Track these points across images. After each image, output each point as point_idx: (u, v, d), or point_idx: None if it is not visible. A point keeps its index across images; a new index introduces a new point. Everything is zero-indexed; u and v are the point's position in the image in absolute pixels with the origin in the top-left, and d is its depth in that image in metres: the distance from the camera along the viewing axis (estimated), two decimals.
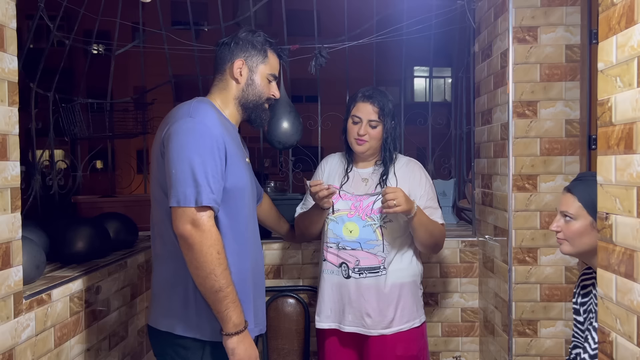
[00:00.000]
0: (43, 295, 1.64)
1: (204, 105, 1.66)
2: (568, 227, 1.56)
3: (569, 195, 1.58)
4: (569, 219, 1.56)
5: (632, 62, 1.07)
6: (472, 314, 2.74)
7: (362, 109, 2.10)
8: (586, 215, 1.53)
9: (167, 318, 1.63)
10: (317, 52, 2.81)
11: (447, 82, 14.81)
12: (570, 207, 1.56)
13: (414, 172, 2.15)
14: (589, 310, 1.61)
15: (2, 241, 1.40)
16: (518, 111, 2.23)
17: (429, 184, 2.15)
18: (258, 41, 1.76)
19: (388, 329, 2.07)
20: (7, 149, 1.43)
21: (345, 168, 2.19)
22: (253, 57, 1.75)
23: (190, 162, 1.51)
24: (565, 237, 1.58)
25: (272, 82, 1.80)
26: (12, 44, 1.46)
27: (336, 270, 2.12)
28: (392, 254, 2.09)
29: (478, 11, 2.73)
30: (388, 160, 2.14)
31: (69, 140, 3.12)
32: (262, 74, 1.76)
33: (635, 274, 1.07)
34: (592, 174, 1.61)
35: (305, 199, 2.29)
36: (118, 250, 2.39)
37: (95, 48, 3.39)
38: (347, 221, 2.11)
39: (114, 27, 3.20)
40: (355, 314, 2.08)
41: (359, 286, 2.07)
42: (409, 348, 2.10)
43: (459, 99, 3.25)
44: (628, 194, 1.09)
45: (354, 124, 2.11)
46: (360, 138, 2.09)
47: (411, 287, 2.12)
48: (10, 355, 1.45)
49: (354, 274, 2.08)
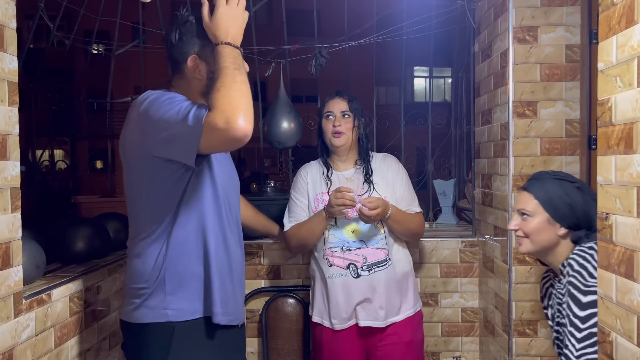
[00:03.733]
0: (43, 295, 1.64)
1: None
2: (526, 224, 1.61)
3: (525, 193, 1.63)
4: (526, 216, 1.61)
5: (632, 62, 1.07)
6: (472, 314, 2.74)
7: (333, 105, 2.24)
8: (543, 211, 1.58)
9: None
10: (317, 52, 2.81)
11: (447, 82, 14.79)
12: (527, 205, 1.61)
13: (391, 166, 2.27)
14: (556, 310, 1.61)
15: (2, 241, 1.40)
16: (518, 111, 2.23)
17: (406, 176, 2.29)
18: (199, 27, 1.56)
19: (397, 316, 2.17)
20: (7, 149, 1.43)
21: (326, 174, 2.24)
22: (204, 48, 1.56)
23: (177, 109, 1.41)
24: (524, 235, 1.61)
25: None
26: (12, 44, 1.46)
27: (344, 272, 2.15)
28: (392, 244, 2.20)
29: (478, 11, 2.73)
30: (365, 157, 2.25)
31: (69, 140, 3.12)
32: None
33: (635, 274, 1.07)
34: (547, 173, 1.66)
35: (290, 210, 2.28)
36: (118, 250, 2.39)
37: (95, 48, 3.38)
38: (347, 223, 2.16)
39: (114, 27, 3.20)
40: (369, 308, 2.13)
41: (370, 282, 2.13)
42: (415, 333, 2.22)
43: (459, 99, 3.25)
44: (628, 194, 1.09)
45: (328, 120, 2.23)
46: (336, 130, 2.19)
47: (411, 274, 2.27)
48: (10, 355, 1.45)
49: (363, 272, 2.13)
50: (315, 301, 2.25)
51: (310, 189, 2.25)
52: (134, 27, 3.31)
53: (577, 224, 1.56)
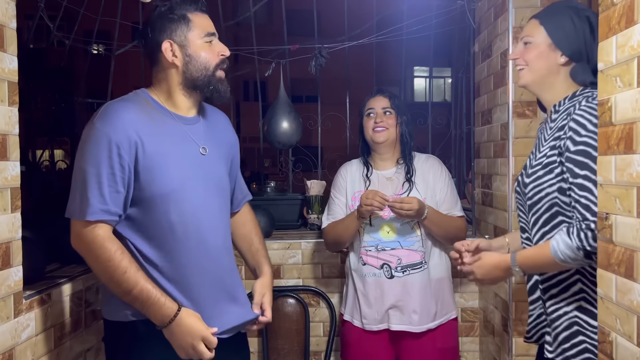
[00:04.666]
0: (43, 295, 1.64)
1: (118, 104, 1.53)
2: (527, 51, 1.53)
3: (533, 20, 1.56)
4: (529, 44, 1.53)
5: (632, 62, 1.07)
6: (472, 314, 2.74)
7: (374, 102, 2.21)
8: (545, 36, 1.50)
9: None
10: (317, 52, 2.82)
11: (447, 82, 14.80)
12: (532, 31, 1.53)
13: (433, 167, 2.23)
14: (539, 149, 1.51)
15: (2, 241, 1.40)
16: (518, 111, 2.23)
17: (449, 179, 2.24)
18: (173, 12, 1.56)
19: (432, 322, 2.14)
20: (7, 149, 1.43)
21: (365, 174, 2.22)
22: (177, 30, 1.55)
23: (82, 173, 1.46)
24: (525, 62, 1.54)
25: (213, 42, 1.58)
26: (12, 44, 1.46)
27: (377, 272, 2.14)
28: (430, 247, 2.17)
29: (478, 11, 2.73)
30: (408, 155, 2.21)
31: (69, 140, 3.11)
32: (195, 42, 1.56)
33: (635, 274, 1.07)
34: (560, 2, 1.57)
35: (329, 207, 2.29)
36: None
37: (95, 48, 3.38)
38: (383, 223, 2.14)
39: (114, 27, 3.20)
40: (402, 312, 2.11)
41: (404, 284, 2.11)
42: (448, 340, 2.19)
43: (459, 99, 3.25)
44: (628, 194, 1.09)
45: (369, 117, 2.20)
46: (378, 125, 2.16)
47: (448, 280, 2.23)
48: (10, 355, 1.45)
49: (397, 273, 2.12)
50: (347, 299, 2.26)
51: (349, 187, 2.24)
52: (134, 27, 3.31)
53: (578, 52, 1.49)
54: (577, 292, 1.45)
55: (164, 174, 1.52)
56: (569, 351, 1.44)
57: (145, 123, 1.51)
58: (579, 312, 1.44)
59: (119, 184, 1.46)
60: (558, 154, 1.44)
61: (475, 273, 1.57)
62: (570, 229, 1.36)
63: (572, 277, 1.45)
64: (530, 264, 1.46)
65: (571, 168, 1.38)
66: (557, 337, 1.47)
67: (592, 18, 1.48)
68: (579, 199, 1.35)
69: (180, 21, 1.55)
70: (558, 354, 1.47)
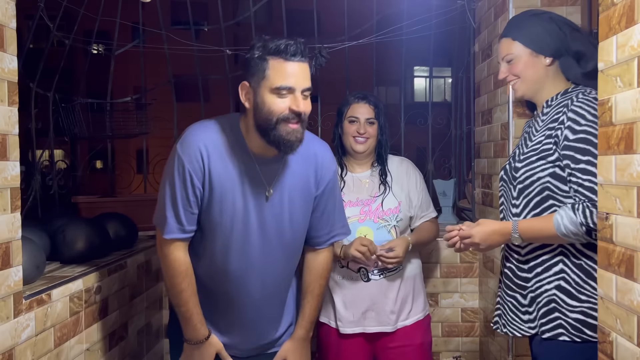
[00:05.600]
0: (43, 295, 1.64)
1: (199, 130, 1.59)
2: (513, 67, 1.63)
3: (504, 40, 1.66)
4: (511, 60, 1.63)
5: (632, 62, 1.07)
6: (472, 314, 2.74)
7: (358, 109, 2.16)
8: (523, 48, 1.60)
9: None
10: (317, 52, 2.81)
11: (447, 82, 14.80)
12: (509, 49, 1.63)
13: (408, 174, 2.23)
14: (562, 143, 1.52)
15: (2, 241, 1.40)
16: (518, 111, 2.23)
17: (421, 182, 2.27)
18: (255, 56, 1.51)
19: (407, 320, 2.16)
20: (7, 149, 1.43)
21: (340, 174, 2.19)
22: (254, 76, 1.52)
23: (164, 192, 1.60)
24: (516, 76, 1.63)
25: (285, 96, 1.50)
26: (12, 44, 1.46)
27: (355, 275, 2.13)
28: None
29: (478, 11, 2.73)
30: (384, 158, 2.21)
31: (68, 140, 3.11)
32: (265, 92, 1.50)
33: (635, 274, 1.07)
34: (518, 15, 1.69)
35: None
36: (118, 250, 2.39)
37: (95, 48, 3.39)
38: (359, 226, 2.12)
39: (114, 27, 3.20)
40: (379, 313, 2.12)
41: (380, 287, 2.12)
42: (425, 336, 2.22)
43: (459, 99, 3.25)
44: (628, 194, 1.09)
45: (351, 123, 2.16)
46: (360, 136, 2.14)
47: (421, 277, 2.26)
48: (10, 355, 1.44)
49: (374, 277, 2.12)
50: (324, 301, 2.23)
51: None
52: (134, 27, 3.31)
53: (557, 49, 1.58)
54: (557, 272, 1.54)
55: (216, 208, 1.59)
56: (545, 326, 1.54)
57: (219, 156, 1.57)
58: (557, 291, 1.53)
59: (193, 207, 1.59)
60: (554, 143, 1.52)
61: (473, 236, 1.62)
62: (575, 206, 1.45)
63: (554, 257, 1.55)
64: (531, 233, 1.53)
65: (572, 155, 1.47)
66: (537, 313, 1.57)
67: (553, 15, 1.62)
68: (582, 182, 1.44)
69: (258, 66, 1.51)
70: (536, 329, 1.57)
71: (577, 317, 1.50)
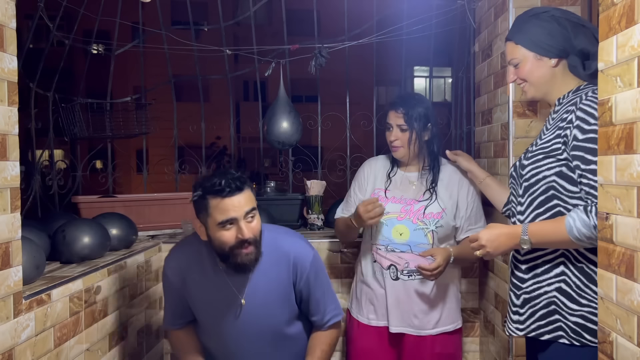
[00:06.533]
0: (43, 295, 1.64)
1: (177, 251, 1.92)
2: (520, 70, 1.63)
3: (508, 43, 1.66)
4: (517, 64, 1.63)
5: (632, 62, 1.07)
6: (472, 314, 2.74)
7: (391, 116, 2.17)
8: (527, 52, 1.60)
9: None
10: (317, 52, 2.81)
11: (447, 82, 14.81)
12: (513, 53, 1.64)
13: (461, 183, 2.18)
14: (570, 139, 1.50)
15: (2, 241, 1.40)
16: (518, 111, 2.23)
17: (474, 194, 2.19)
18: (199, 196, 1.69)
19: (434, 329, 2.15)
20: (6, 149, 1.43)
21: (389, 172, 2.22)
22: (201, 214, 1.72)
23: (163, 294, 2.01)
24: (524, 80, 1.64)
25: (230, 228, 1.68)
26: (12, 44, 1.46)
27: (384, 271, 2.14)
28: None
29: (478, 11, 2.73)
30: (432, 166, 2.18)
31: (68, 140, 3.11)
32: (213, 227, 1.69)
33: (635, 274, 1.07)
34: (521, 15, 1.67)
35: (346, 201, 2.31)
36: (118, 250, 2.39)
37: (95, 48, 3.38)
38: (397, 224, 2.13)
39: (114, 27, 3.20)
40: (403, 314, 2.13)
41: (407, 288, 2.12)
42: (447, 346, 2.18)
43: (459, 99, 3.25)
44: (628, 194, 1.09)
45: (388, 131, 2.19)
46: (392, 143, 2.16)
47: (454, 289, 2.22)
48: (10, 356, 1.44)
49: (402, 276, 2.12)
50: (353, 295, 2.29)
51: (371, 183, 2.23)
52: (134, 27, 3.31)
53: (562, 49, 1.57)
54: (558, 274, 1.52)
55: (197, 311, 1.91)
56: (544, 328, 1.53)
57: (193, 270, 1.85)
58: (557, 293, 1.51)
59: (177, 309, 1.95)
60: (563, 143, 1.50)
61: (480, 239, 1.60)
62: (588, 208, 1.40)
63: (556, 259, 1.53)
64: (541, 236, 1.49)
65: (582, 155, 1.44)
66: (533, 315, 1.55)
67: (554, 12, 1.59)
68: (593, 184, 1.41)
69: (202, 206, 1.69)
70: (532, 330, 1.55)
71: (576, 321, 1.49)
